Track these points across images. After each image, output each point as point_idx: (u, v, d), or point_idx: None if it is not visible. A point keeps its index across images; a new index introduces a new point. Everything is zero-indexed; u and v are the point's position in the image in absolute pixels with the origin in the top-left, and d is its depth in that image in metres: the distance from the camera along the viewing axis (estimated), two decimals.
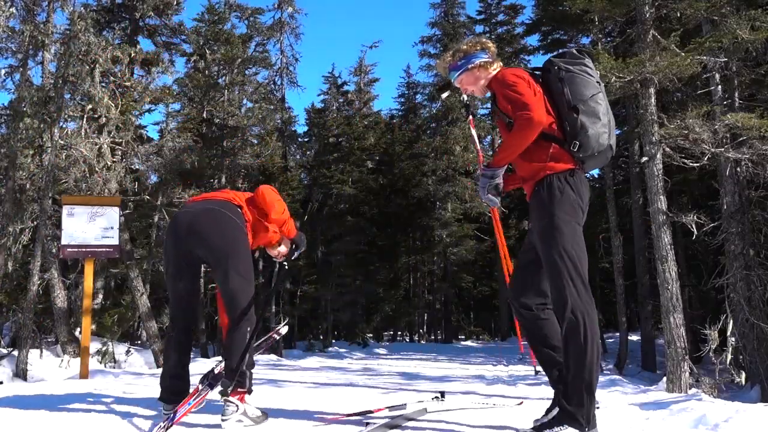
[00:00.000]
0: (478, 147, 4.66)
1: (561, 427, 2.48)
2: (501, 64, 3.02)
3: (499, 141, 27.27)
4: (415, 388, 5.94)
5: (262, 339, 3.86)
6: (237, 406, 3.07)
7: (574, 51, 2.92)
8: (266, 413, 3.31)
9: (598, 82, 2.84)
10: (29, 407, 3.53)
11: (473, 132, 4.30)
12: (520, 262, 2.98)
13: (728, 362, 8.40)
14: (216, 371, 3.28)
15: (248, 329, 3.14)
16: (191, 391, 3.24)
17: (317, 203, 21.30)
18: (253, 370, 3.29)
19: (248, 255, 3.23)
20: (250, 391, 3.22)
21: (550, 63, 2.88)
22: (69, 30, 10.98)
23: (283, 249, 3.61)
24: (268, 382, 6.14)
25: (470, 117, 4.18)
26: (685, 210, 9.74)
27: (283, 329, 4.15)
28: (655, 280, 9.14)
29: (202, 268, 3.29)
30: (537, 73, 2.90)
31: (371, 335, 24.15)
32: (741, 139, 8.64)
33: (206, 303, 15.51)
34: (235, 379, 3.09)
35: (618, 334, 16.98)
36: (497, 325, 28.41)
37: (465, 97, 3.51)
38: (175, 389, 3.24)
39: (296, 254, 3.66)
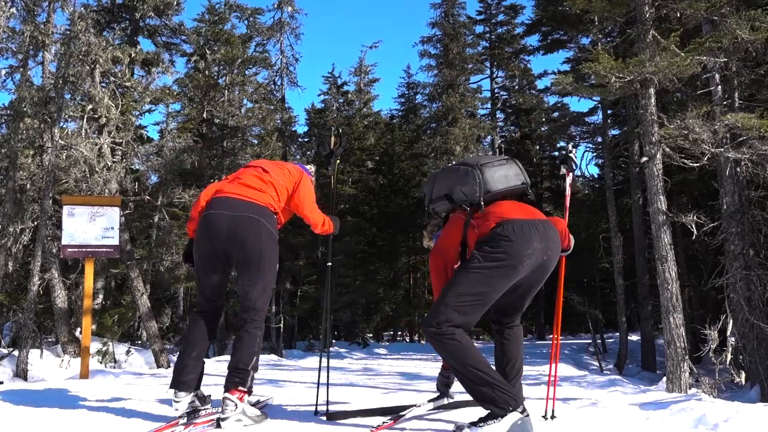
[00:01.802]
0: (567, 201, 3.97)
1: (494, 420, 2.70)
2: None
3: (499, 141, 27.32)
4: (415, 388, 5.94)
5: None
6: (236, 404, 3.07)
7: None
8: (266, 413, 3.31)
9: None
10: (29, 407, 3.53)
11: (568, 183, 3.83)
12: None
13: (728, 362, 8.41)
14: (201, 413, 3.27)
15: (259, 334, 3.22)
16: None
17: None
18: (254, 380, 3.30)
19: (276, 267, 3.31)
20: (250, 392, 3.21)
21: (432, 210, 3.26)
22: (69, 30, 10.98)
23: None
24: (268, 382, 6.15)
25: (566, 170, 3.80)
26: (684, 210, 9.74)
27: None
28: (655, 280, 9.15)
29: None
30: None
31: (371, 335, 24.16)
32: (741, 139, 8.64)
33: None
34: (238, 377, 3.11)
35: (618, 334, 16.99)
36: None
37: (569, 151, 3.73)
38: (185, 377, 3.21)
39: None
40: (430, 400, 3.65)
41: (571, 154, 3.73)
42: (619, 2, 9.14)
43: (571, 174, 3.79)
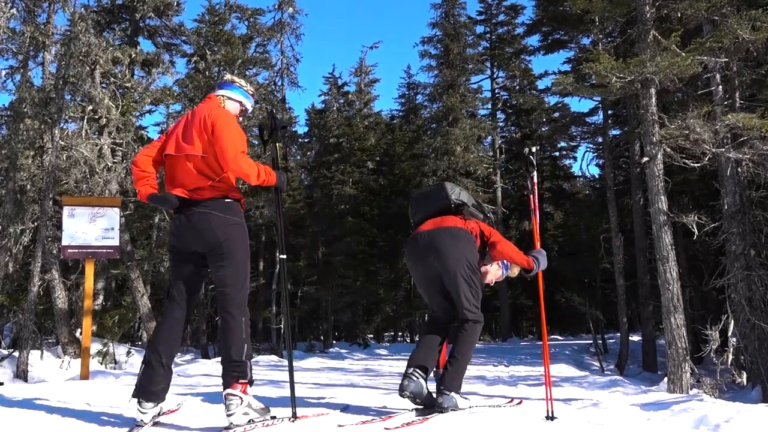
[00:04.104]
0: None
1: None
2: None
3: (500, 142, 27.30)
4: None
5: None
6: (240, 398, 3.01)
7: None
8: (268, 407, 3.26)
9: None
10: (30, 408, 3.53)
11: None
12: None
13: (729, 363, 8.38)
14: None
15: (243, 320, 3.12)
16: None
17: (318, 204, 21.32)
18: (253, 370, 3.25)
19: (245, 251, 3.24)
20: (251, 382, 3.13)
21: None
22: (69, 31, 10.99)
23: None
24: (268, 382, 6.14)
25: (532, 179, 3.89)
26: (685, 210, 9.73)
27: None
28: (656, 280, 9.13)
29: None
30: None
31: (372, 336, 24.15)
32: (742, 139, 8.63)
33: (207, 304, 15.49)
34: (236, 370, 3.04)
35: (619, 334, 16.97)
36: (498, 325, 28.37)
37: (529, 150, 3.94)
38: (155, 387, 3.08)
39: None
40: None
41: (531, 156, 3.84)
42: (619, 2, 9.13)
43: (533, 174, 3.89)
